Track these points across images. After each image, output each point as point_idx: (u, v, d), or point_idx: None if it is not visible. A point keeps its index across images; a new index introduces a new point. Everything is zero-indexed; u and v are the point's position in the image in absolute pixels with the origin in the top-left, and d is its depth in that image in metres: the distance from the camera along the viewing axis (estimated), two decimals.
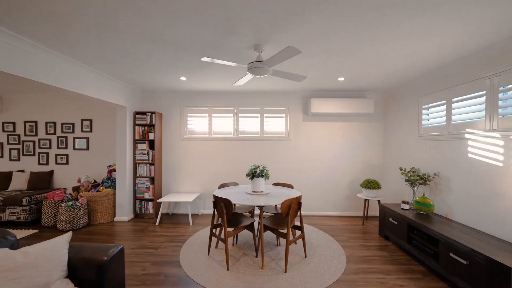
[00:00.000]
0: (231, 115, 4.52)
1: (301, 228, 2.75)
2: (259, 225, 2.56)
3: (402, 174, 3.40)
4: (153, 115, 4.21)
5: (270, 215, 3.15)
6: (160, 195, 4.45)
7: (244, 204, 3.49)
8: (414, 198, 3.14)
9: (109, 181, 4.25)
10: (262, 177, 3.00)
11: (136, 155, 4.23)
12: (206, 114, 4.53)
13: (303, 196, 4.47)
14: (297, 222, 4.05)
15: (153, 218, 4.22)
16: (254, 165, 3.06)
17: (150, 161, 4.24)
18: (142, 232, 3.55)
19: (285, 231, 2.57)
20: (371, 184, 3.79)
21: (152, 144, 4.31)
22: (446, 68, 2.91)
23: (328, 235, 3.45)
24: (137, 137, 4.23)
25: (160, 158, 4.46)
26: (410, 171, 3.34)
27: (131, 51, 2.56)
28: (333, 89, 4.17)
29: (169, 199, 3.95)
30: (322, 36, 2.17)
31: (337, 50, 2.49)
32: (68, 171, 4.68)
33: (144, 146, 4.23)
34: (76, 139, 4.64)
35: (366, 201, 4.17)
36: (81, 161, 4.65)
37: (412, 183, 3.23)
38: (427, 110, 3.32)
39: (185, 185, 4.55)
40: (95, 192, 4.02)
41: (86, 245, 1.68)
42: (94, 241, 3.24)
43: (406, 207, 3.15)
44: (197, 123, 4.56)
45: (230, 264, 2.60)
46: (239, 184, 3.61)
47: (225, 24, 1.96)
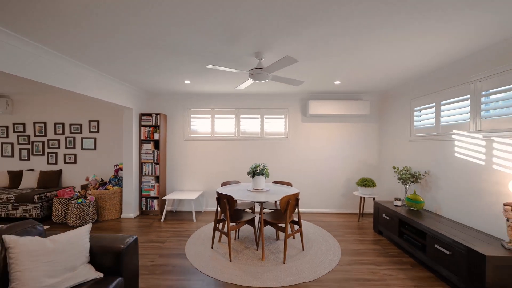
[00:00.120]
0: (233, 116, 4.71)
1: (298, 223, 2.94)
2: (260, 220, 2.75)
3: (395, 172, 3.59)
4: (158, 116, 4.40)
5: (270, 211, 3.33)
6: (164, 193, 4.64)
7: (245, 201, 3.67)
8: (406, 195, 3.33)
9: (116, 180, 4.44)
10: (263, 175, 3.18)
11: (142, 155, 4.42)
12: (209, 115, 4.72)
13: (301, 194, 4.66)
14: (296, 218, 4.25)
15: (158, 215, 4.41)
16: (254, 164, 3.24)
17: (155, 161, 4.43)
18: (148, 228, 3.75)
19: (284, 225, 2.76)
20: (366, 182, 3.98)
21: (157, 144, 4.50)
22: (435, 73, 3.10)
23: (325, 231, 3.64)
24: (142, 138, 4.42)
25: (165, 157, 4.65)
26: (402, 169, 3.52)
27: (139, 57, 2.75)
28: (330, 92, 4.36)
29: (173, 197, 4.14)
30: (318, 44, 2.35)
31: (332, 56, 2.67)
32: (76, 170, 4.87)
33: (149, 146, 4.42)
34: (84, 139, 4.84)
35: (362, 198, 4.36)
36: (88, 160, 4.85)
37: (404, 181, 3.41)
38: (418, 112, 3.50)
39: (188, 183, 4.74)
40: (103, 190, 4.22)
41: (104, 235, 1.87)
42: None
43: (398, 203, 3.34)
44: (200, 124, 4.75)
45: (232, 256, 2.79)
46: (240, 182, 3.79)
47: (228, 34, 2.14)
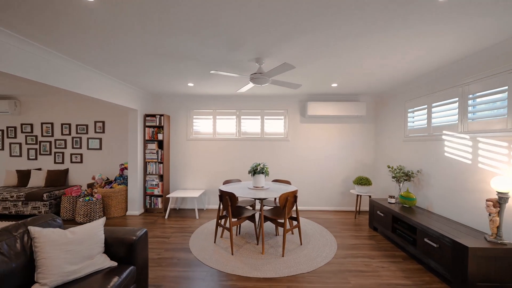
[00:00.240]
0: (234, 117, 4.87)
1: (297, 219, 3.10)
2: (260, 216, 2.91)
3: (390, 171, 3.74)
4: (162, 117, 4.56)
5: (270, 208, 3.49)
6: (168, 191, 4.80)
7: (246, 199, 3.83)
8: (400, 193, 3.48)
9: (121, 178, 4.60)
10: (263, 174, 3.34)
11: (146, 154, 4.58)
12: (211, 116, 4.88)
13: (300, 192, 4.82)
14: (294, 215, 4.40)
15: (162, 213, 4.57)
16: (255, 163, 3.40)
17: (159, 160, 4.59)
18: (153, 224, 3.91)
19: (283, 221, 2.92)
20: (362, 181, 4.13)
21: (160, 144, 4.66)
22: (427, 76, 3.25)
23: (323, 227, 3.80)
24: (147, 138, 4.58)
25: (168, 157, 4.81)
26: (396, 168, 3.68)
27: (145, 62, 2.91)
28: (328, 93, 4.51)
29: (177, 195, 4.30)
30: (314, 50, 2.51)
31: (328, 62, 2.83)
32: (82, 170, 5.04)
33: (153, 146, 4.58)
34: (90, 140, 5.00)
35: (358, 196, 4.52)
36: (94, 160, 5.01)
37: (398, 179, 3.57)
38: (412, 114, 3.66)
39: (191, 182, 4.90)
40: (109, 188, 4.38)
41: (117, 228, 2.03)
42: None
43: (392, 201, 3.49)
44: (202, 124, 4.91)
45: (234, 250, 2.95)
46: (241, 181, 3.95)
47: (230, 42, 2.30)
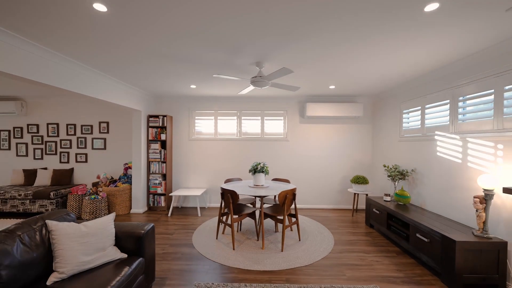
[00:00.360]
0: (235, 117, 5.00)
1: (295, 216, 3.23)
2: (260, 213, 3.04)
3: (386, 170, 3.87)
4: (165, 118, 4.70)
5: (270, 205, 3.62)
6: (171, 190, 4.93)
7: (247, 197, 3.97)
8: (395, 191, 3.61)
9: (126, 177, 4.74)
10: (263, 173, 3.47)
11: (149, 154, 4.71)
12: (212, 117, 5.01)
13: (299, 191, 4.95)
14: (293, 212, 4.52)
15: (165, 211, 4.71)
16: (255, 162, 3.53)
17: (162, 160, 4.72)
18: (157, 222, 4.04)
19: (282, 218, 3.05)
20: (359, 180, 4.26)
21: (163, 144, 4.79)
22: (421, 79, 3.38)
23: (321, 224, 3.93)
24: (150, 138, 4.71)
25: (171, 156, 4.94)
26: (392, 167, 3.81)
27: (149, 65, 3.03)
28: (326, 95, 4.64)
29: (180, 193, 4.43)
30: (311, 54, 2.64)
31: (325, 65, 2.96)
32: (87, 169, 5.17)
33: (156, 146, 4.71)
34: (94, 140, 5.13)
35: (356, 195, 4.65)
36: (98, 159, 5.14)
37: (393, 178, 3.70)
38: (407, 115, 3.79)
39: (193, 181, 5.04)
40: (113, 187, 4.51)
41: (126, 223, 2.16)
42: None
43: (388, 199, 3.62)
44: (204, 125, 5.04)
45: (235, 245, 3.09)
46: (242, 179, 4.08)
47: (232, 47, 2.43)
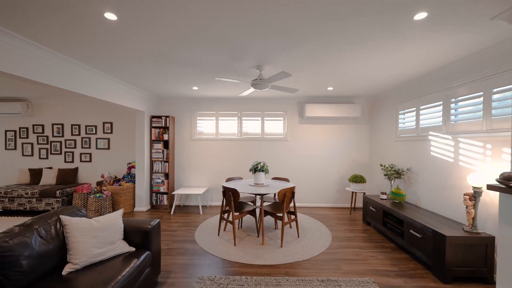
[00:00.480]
0: (236, 118, 5.12)
1: (294, 213, 3.35)
2: (260, 211, 3.16)
3: (382, 169, 3.99)
4: (167, 118, 4.82)
5: (269, 203, 3.73)
6: (173, 189, 5.05)
7: (248, 195, 4.08)
8: (391, 189, 3.72)
9: (129, 177, 4.86)
10: (263, 172, 3.59)
11: (152, 154, 4.83)
12: (214, 118, 5.13)
13: (298, 190, 5.07)
14: (292, 210, 4.64)
15: (168, 209, 4.83)
16: (256, 161, 3.65)
17: (165, 159, 4.84)
18: (160, 219, 4.16)
19: (281, 215, 3.17)
20: (357, 179, 4.38)
21: (166, 144, 4.91)
22: (415, 81, 3.49)
23: (319, 222, 4.05)
24: (153, 138, 4.83)
25: (173, 156, 5.06)
26: (388, 167, 3.93)
27: (152, 68, 3.15)
28: (325, 96, 4.76)
29: (182, 192, 4.55)
30: (309, 58, 2.75)
31: (323, 68, 3.07)
32: (91, 168, 5.29)
33: (159, 146, 4.83)
34: (98, 140, 5.25)
35: (353, 193, 4.76)
36: (102, 159, 5.26)
37: (389, 177, 3.82)
38: (403, 115, 3.90)
39: (195, 180, 5.16)
40: (117, 186, 4.63)
41: (133, 219, 2.28)
42: None
43: (384, 197, 3.74)
44: (206, 125, 5.16)
45: (236, 241, 3.20)
46: (242, 178, 4.20)
47: (233, 51, 2.54)
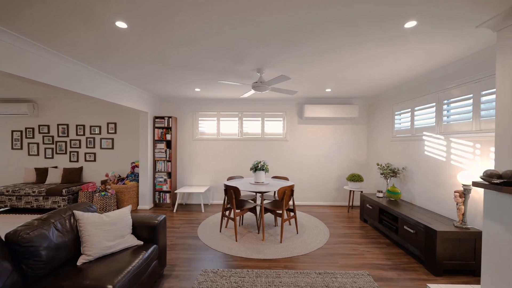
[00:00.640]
0: (236, 119, 5.25)
1: (293, 211, 3.48)
2: (260, 208, 3.29)
3: (379, 168, 4.11)
4: (170, 119, 4.94)
5: (269, 201, 3.86)
6: (175, 188, 5.18)
7: (248, 193, 4.21)
8: (387, 188, 3.85)
9: (133, 176, 4.99)
10: (263, 171, 3.72)
11: (155, 154, 4.96)
12: (215, 118, 5.26)
13: (297, 188, 5.19)
14: (292, 207, 4.77)
15: (170, 207, 4.96)
16: (256, 161, 3.78)
17: (167, 159, 4.97)
18: None
19: (281, 212, 3.29)
20: (354, 178, 4.50)
21: (169, 144, 5.04)
22: (410, 83, 3.62)
23: (318, 219, 4.18)
24: (156, 138, 4.96)
25: (176, 156, 5.19)
26: (384, 166, 4.05)
27: (158, 71, 3.28)
28: (323, 97, 4.88)
29: (184, 190, 4.68)
30: (308, 61, 2.88)
31: (321, 70, 3.20)
32: (95, 167, 5.42)
33: (162, 146, 4.96)
34: (102, 140, 5.38)
35: (351, 192, 4.89)
36: (107, 158, 5.39)
37: (386, 176, 3.94)
38: (399, 116, 4.03)
39: (196, 179, 5.29)
40: (121, 184, 4.76)
41: (140, 214, 2.41)
42: None
43: (380, 195, 3.86)
44: (207, 125, 5.29)
45: (238, 237, 3.33)
46: (243, 177, 4.33)
47: (235, 57, 2.67)
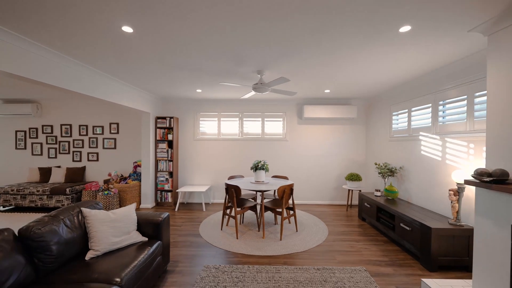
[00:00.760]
0: (237, 119, 5.33)
1: (293, 209, 3.56)
2: (261, 207, 3.37)
3: (377, 168, 4.19)
4: (172, 119, 5.02)
5: (269, 200, 3.94)
6: (177, 187, 5.26)
7: (249, 192, 4.29)
8: (385, 187, 3.93)
9: (135, 175, 5.07)
10: (263, 170, 3.80)
11: (157, 153, 5.04)
12: (216, 118, 5.34)
13: (297, 187, 5.27)
14: (291, 206, 4.85)
15: (172, 206, 5.04)
16: (256, 160, 3.86)
17: (169, 158, 5.05)
18: None
19: (280, 210, 3.37)
20: (353, 177, 4.58)
21: (170, 144, 5.12)
22: (407, 84, 3.70)
23: (317, 218, 4.26)
24: (158, 138, 5.04)
25: (177, 155, 5.27)
26: (382, 165, 4.13)
27: (160, 73, 3.36)
28: (323, 98, 4.96)
29: (186, 190, 4.76)
30: (307, 63, 2.96)
31: (320, 72, 3.28)
32: (98, 167, 5.50)
33: (164, 146, 5.04)
34: (105, 140, 5.46)
35: (350, 191, 4.97)
36: (109, 158, 5.47)
37: (383, 175, 4.02)
38: (396, 116, 4.11)
39: (198, 178, 5.37)
40: (124, 184, 4.84)
41: (145, 212, 2.49)
42: None
43: (378, 194, 3.95)
44: (208, 126, 5.37)
45: (238, 235, 3.41)
46: (244, 177, 4.41)
47: (236, 59, 2.75)
